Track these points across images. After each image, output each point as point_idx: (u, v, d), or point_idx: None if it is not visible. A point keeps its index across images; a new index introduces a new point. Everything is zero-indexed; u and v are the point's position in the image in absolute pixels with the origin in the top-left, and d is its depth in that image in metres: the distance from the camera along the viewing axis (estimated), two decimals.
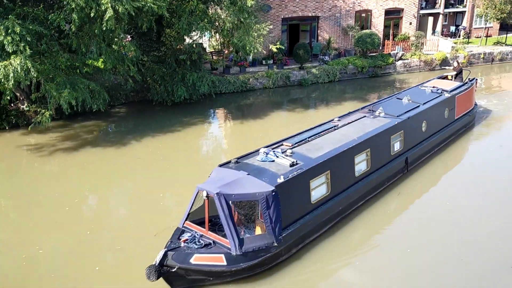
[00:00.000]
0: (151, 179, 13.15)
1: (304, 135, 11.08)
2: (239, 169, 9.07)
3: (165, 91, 20.02)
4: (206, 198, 8.31)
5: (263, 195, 8.29)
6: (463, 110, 15.96)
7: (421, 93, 15.12)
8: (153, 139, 16.42)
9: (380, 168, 11.43)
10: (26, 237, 10.13)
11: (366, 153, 10.90)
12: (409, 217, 10.90)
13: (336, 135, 11.03)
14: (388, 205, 11.25)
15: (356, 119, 12.23)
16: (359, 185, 10.67)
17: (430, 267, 8.91)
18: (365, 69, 26.36)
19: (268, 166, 9.25)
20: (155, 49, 20.28)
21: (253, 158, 9.69)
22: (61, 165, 14.34)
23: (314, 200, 9.43)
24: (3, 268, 8.98)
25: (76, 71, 17.30)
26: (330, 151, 10.09)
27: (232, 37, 19.53)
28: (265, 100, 22.52)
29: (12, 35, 13.57)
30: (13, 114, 17.66)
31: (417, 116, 12.98)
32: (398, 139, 12.14)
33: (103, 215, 11.39)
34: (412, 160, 12.76)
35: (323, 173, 9.61)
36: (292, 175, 8.90)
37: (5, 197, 12.34)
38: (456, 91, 15.49)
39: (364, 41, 26.11)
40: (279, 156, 9.58)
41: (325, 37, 27.78)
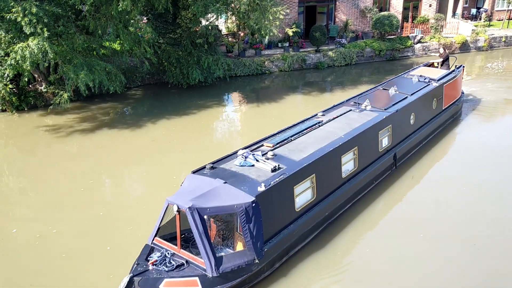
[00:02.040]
0: (165, 161, 13.28)
1: (287, 133, 10.09)
2: (214, 176, 8.04)
3: (181, 74, 20.07)
4: (177, 212, 7.32)
5: (242, 207, 7.36)
6: (451, 100, 15.24)
7: (408, 83, 14.29)
8: (168, 121, 16.54)
9: (367, 167, 10.63)
10: (41, 216, 10.35)
11: (353, 151, 10.05)
12: (397, 217, 10.12)
13: (321, 133, 10.08)
14: (375, 205, 10.47)
15: (341, 113, 11.30)
16: (346, 187, 9.84)
17: (425, 276, 8.15)
18: (382, 52, 25.98)
19: (247, 171, 8.23)
20: (171, 31, 20.26)
21: (230, 163, 8.64)
22: (78, 146, 14.57)
23: (298, 207, 8.53)
24: (18, 246, 9.20)
25: (93, 53, 17.42)
26: (315, 152, 9.16)
27: (248, 19, 19.39)
28: (280, 83, 22.41)
29: (29, 16, 13.69)
30: (31, 95, 17.92)
31: (405, 108, 12.13)
32: (386, 134, 11.32)
33: (116, 196, 11.58)
34: (401, 156, 12.00)
35: (308, 177, 8.70)
36: (274, 182, 7.94)
37: (24, 176, 12.63)
38: (444, 80, 14.69)
39: (382, 23, 25.66)
40: (260, 160, 8.55)
41: (343, 19, 27.37)
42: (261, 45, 24.49)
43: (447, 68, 16.76)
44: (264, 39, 24.48)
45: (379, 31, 26.31)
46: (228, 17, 21.71)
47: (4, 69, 14.93)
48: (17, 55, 14.07)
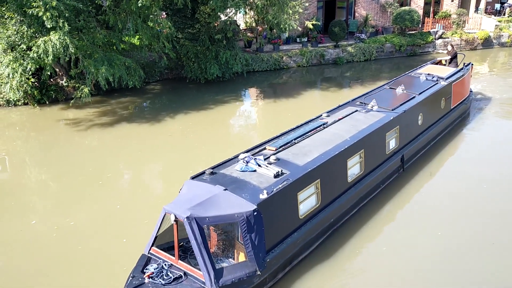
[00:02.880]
0: (182, 155, 13.37)
1: (290, 135, 9.62)
2: (214, 182, 7.66)
3: (199, 69, 20.14)
4: (174, 222, 6.97)
5: (243, 216, 6.98)
6: (459, 99, 14.77)
7: (416, 81, 13.86)
8: (186, 116, 16.64)
9: (374, 170, 10.20)
10: (60, 208, 10.53)
11: (359, 155, 9.63)
12: (405, 222, 9.71)
13: (326, 135, 9.64)
14: (382, 210, 10.04)
15: (347, 114, 10.85)
16: (352, 192, 9.42)
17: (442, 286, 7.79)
18: (403, 47, 25.63)
19: (248, 177, 7.84)
20: (190, 26, 20.33)
21: (231, 168, 8.23)
22: (98, 140, 14.78)
23: (302, 214, 8.14)
24: (36, 237, 9.37)
25: (113, 48, 17.60)
26: (320, 155, 8.74)
27: (266, 14, 19.34)
28: (298, 79, 22.32)
29: (51, 11, 13.89)
30: (52, 89, 18.21)
31: (413, 108, 11.70)
32: (394, 136, 10.90)
33: (133, 190, 11.70)
34: (408, 158, 11.59)
35: (313, 183, 8.29)
36: (276, 189, 7.55)
37: (44, 169, 12.88)
38: (453, 78, 14.23)
39: (403, 18, 25.31)
40: (262, 165, 8.16)
41: (362, 14, 27.07)
42: (279, 40, 24.40)
43: (455, 66, 16.31)
44: (283, 34, 24.39)
45: (399, 26, 25.96)
46: (247, 12, 21.65)
47: (26, 63, 15.20)
48: (40, 49, 14.32)
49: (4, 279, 8.16)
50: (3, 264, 8.56)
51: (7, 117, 16.97)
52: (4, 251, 8.92)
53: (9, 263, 8.58)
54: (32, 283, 8.03)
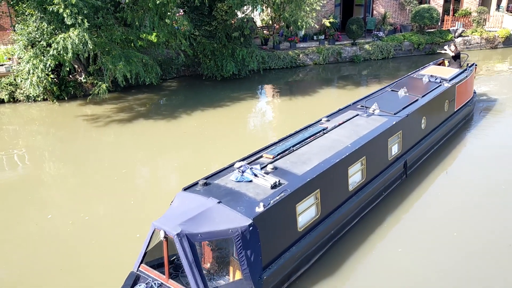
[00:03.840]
0: (196, 152, 13.45)
1: (288, 142, 9.17)
2: (208, 194, 7.22)
3: (215, 66, 20.20)
4: (164, 239, 6.49)
5: (238, 231, 6.54)
6: (463, 101, 14.30)
7: (418, 83, 13.39)
8: (202, 113, 16.71)
9: (376, 177, 9.76)
10: (76, 203, 10.68)
11: (361, 162, 9.18)
12: (409, 232, 9.25)
13: (326, 141, 9.18)
14: (384, 219, 9.60)
15: (347, 118, 10.40)
16: (353, 201, 8.99)
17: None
18: (421, 45, 25.30)
19: (244, 188, 7.39)
20: (207, 23, 20.40)
21: (226, 178, 7.79)
22: (115, 136, 14.95)
23: (301, 226, 7.72)
24: (51, 231, 9.52)
25: (131, 45, 17.77)
26: (320, 164, 8.30)
27: (283, 11, 19.29)
28: (314, 77, 22.22)
29: (70, 7, 14.08)
30: (71, 85, 18.47)
31: (416, 112, 11.27)
32: (396, 141, 10.47)
33: (147, 186, 11.82)
34: (411, 164, 11.18)
35: (312, 193, 7.87)
36: (274, 201, 7.10)
37: (62, 164, 13.09)
38: (456, 80, 13.74)
39: (421, 16, 24.97)
40: (258, 174, 7.70)
41: (381, 11, 26.80)
42: (296, 37, 24.31)
43: (458, 66, 15.86)
44: (300, 31, 24.29)
45: (418, 24, 25.62)
46: (264, 9, 21.63)
47: (46, 59, 15.45)
48: (59, 45, 14.54)
49: (18, 272, 8.31)
50: (17, 257, 8.72)
51: (27, 113, 17.28)
52: (19, 245, 9.09)
53: (23, 256, 8.73)
54: (46, 276, 8.17)
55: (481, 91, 18.43)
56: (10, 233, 9.49)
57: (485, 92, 18.45)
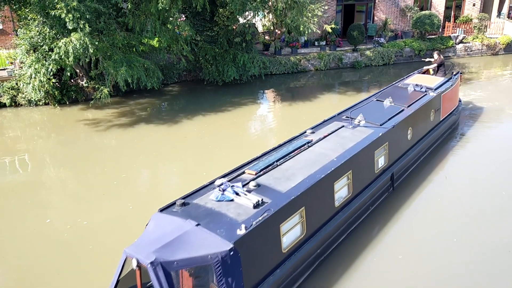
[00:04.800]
0: (196, 158, 13.44)
1: (272, 156, 8.72)
2: (185, 216, 6.70)
3: (216, 71, 20.27)
4: (137, 268, 5.99)
5: (218, 257, 6.05)
6: (449, 110, 14.11)
7: (404, 93, 13.09)
8: (204, 117, 16.74)
9: (363, 191, 9.43)
10: (75, 207, 10.65)
11: (347, 176, 8.82)
12: (397, 246, 8.93)
13: (311, 155, 8.79)
14: (370, 232, 9.26)
15: (332, 130, 10.03)
16: (340, 217, 8.61)
17: None
18: (422, 52, 25.37)
19: (225, 208, 6.92)
20: (208, 29, 20.49)
21: (205, 197, 7.31)
22: (116, 140, 14.97)
23: (285, 247, 7.27)
24: (49, 235, 9.48)
25: (132, 50, 17.85)
26: (304, 180, 7.88)
27: (285, 17, 19.37)
28: (316, 82, 22.27)
29: (72, 12, 14.16)
30: (73, 90, 18.53)
31: (402, 123, 10.98)
32: (383, 153, 10.15)
33: (146, 191, 11.79)
34: (398, 176, 10.88)
35: (297, 212, 7.44)
36: (256, 222, 6.63)
37: (63, 168, 13.09)
38: (442, 89, 13.53)
39: (422, 22, 25.08)
40: (240, 193, 7.24)
41: (382, 18, 26.90)
42: (297, 43, 24.40)
43: (443, 75, 15.70)
44: (301, 37, 24.38)
45: (419, 30, 25.72)
46: (265, 15, 21.73)
47: (48, 64, 15.52)
48: (61, 50, 14.60)
49: (15, 276, 8.29)
50: (15, 261, 8.69)
51: (29, 117, 17.33)
52: (17, 249, 9.06)
53: (20, 261, 8.70)
54: (42, 281, 8.13)
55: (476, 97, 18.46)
56: (8, 237, 9.47)
57: (479, 98, 18.48)
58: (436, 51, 16.74)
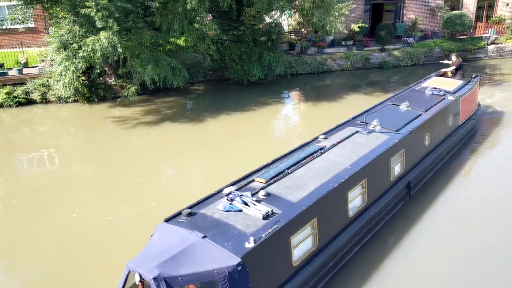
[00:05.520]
0: (221, 156, 13.47)
1: (283, 164, 8.38)
2: (192, 227, 6.42)
3: (242, 70, 20.29)
4: (140, 283, 5.76)
5: (225, 272, 5.77)
6: (468, 114, 13.59)
7: (421, 96, 12.59)
8: (228, 117, 16.78)
9: (378, 200, 9.00)
10: (100, 203, 10.82)
11: (362, 185, 8.43)
12: (413, 256, 8.49)
13: (323, 163, 8.41)
14: (384, 243, 8.81)
15: (346, 136, 9.61)
16: (354, 228, 8.22)
17: None
18: (452, 52, 24.77)
19: (233, 220, 6.61)
20: (234, 28, 20.54)
21: (213, 206, 6.99)
22: (142, 138, 15.16)
23: (296, 260, 6.92)
24: (75, 230, 9.65)
25: (159, 49, 18.04)
26: (317, 189, 7.53)
27: (312, 16, 19.24)
28: (342, 83, 22.04)
29: (102, 11, 14.40)
30: (101, 88, 18.87)
31: (419, 128, 10.52)
32: (399, 160, 9.71)
33: (170, 188, 11.86)
34: (415, 183, 10.41)
35: (309, 223, 7.10)
36: (266, 234, 6.31)
37: (90, 164, 13.34)
38: (461, 92, 13.01)
39: (453, 22, 24.51)
40: (249, 203, 6.91)
41: (411, 17, 26.41)
42: (324, 43, 24.20)
43: (461, 78, 15.12)
44: (328, 37, 24.18)
45: (449, 30, 25.14)
46: (292, 14, 21.65)
47: (78, 62, 15.84)
48: (88, 47, 14.88)
49: (38, 270, 8.46)
50: (43, 254, 8.89)
51: (58, 113, 17.73)
52: (44, 242, 9.26)
53: (45, 255, 8.88)
54: (65, 275, 8.27)
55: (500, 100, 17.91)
56: (37, 230, 9.69)
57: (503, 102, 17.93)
58: (454, 53, 16.19)
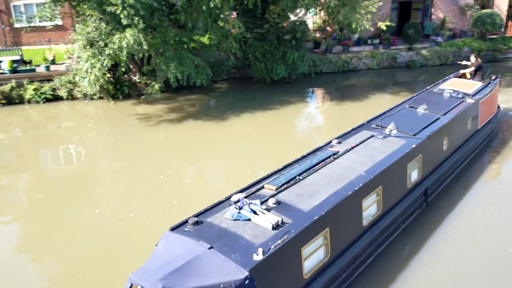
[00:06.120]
0: (243, 154, 13.41)
1: (294, 170, 8.02)
2: (198, 236, 6.14)
3: (265, 69, 20.16)
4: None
5: (231, 286, 5.52)
6: (487, 117, 13.08)
7: (439, 99, 12.06)
8: (251, 115, 16.70)
9: (393, 208, 8.61)
10: (123, 199, 10.92)
11: (377, 192, 8.05)
12: (430, 265, 8.10)
13: (337, 169, 8.04)
14: (400, 253, 8.46)
15: (361, 141, 9.19)
16: (368, 237, 7.83)
17: None
18: (482, 52, 24.07)
19: (241, 229, 6.29)
20: (258, 26, 20.42)
21: (220, 215, 6.68)
22: (165, 135, 15.23)
23: (307, 272, 6.59)
24: (97, 226, 9.73)
25: (183, 46, 18.09)
26: (329, 197, 7.18)
27: (337, 14, 18.97)
28: (367, 82, 21.68)
29: (128, 9, 14.51)
30: (126, 85, 19.04)
31: (438, 132, 10.06)
32: (416, 166, 9.30)
33: (191, 186, 11.89)
34: (432, 190, 9.93)
35: (320, 233, 6.75)
36: (275, 246, 6.00)
37: (114, 160, 13.48)
38: (480, 95, 12.52)
39: (483, 21, 23.79)
40: (258, 211, 6.59)
41: (439, 16, 25.79)
42: (349, 41, 23.85)
43: (480, 79, 14.50)
44: (354, 35, 23.82)
45: (479, 29, 24.44)
46: (317, 12, 21.39)
47: (103, 59, 16.01)
48: (115, 45, 15.01)
49: (60, 264, 8.55)
50: (61, 250, 8.98)
51: (84, 110, 17.99)
52: (64, 238, 9.36)
53: (66, 249, 8.98)
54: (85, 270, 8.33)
55: None
56: (60, 224, 9.83)
57: None
58: (473, 53, 15.55)
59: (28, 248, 9.16)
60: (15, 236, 9.68)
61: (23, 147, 14.91)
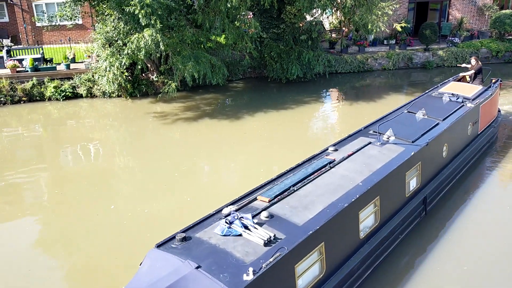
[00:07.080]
0: (257, 154, 13.56)
1: (288, 180, 7.67)
2: (185, 254, 5.76)
3: (281, 69, 20.29)
4: None
5: None
6: (487, 122, 12.79)
7: (438, 103, 11.73)
8: (265, 115, 16.85)
9: (392, 218, 8.31)
10: (137, 195, 11.15)
11: (374, 203, 7.73)
12: (430, 277, 7.89)
13: (333, 179, 7.72)
14: (397, 265, 8.24)
15: (358, 148, 8.90)
16: (365, 250, 7.50)
17: None
18: (500, 53, 23.84)
19: (231, 246, 5.93)
20: (275, 26, 20.56)
21: (210, 230, 6.30)
22: (180, 133, 15.48)
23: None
24: (111, 222, 9.97)
25: (200, 46, 18.32)
26: (325, 209, 6.85)
27: (353, 15, 19.00)
28: (382, 82, 21.65)
29: (145, 8, 14.78)
30: (143, 84, 19.37)
31: (437, 139, 9.75)
32: (415, 174, 9.00)
33: (204, 184, 12.06)
34: (431, 198, 9.63)
35: (315, 248, 6.40)
36: (267, 264, 5.62)
37: (131, 157, 13.77)
38: (480, 99, 12.19)
39: (502, 22, 23.53)
40: (249, 226, 6.22)
41: (457, 16, 25.57)
42: (365, 42, 23.83)
43: (480, 82, 14.22)
44: (370, 35, 23.79)
45: (498, 30, 24.18)
46: (333, 12, 21.44)
47: (122, 58, 16.33)
48: (133, 45, 15.31)
49: (76, 259, 8.78)
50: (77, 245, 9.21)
51: (102, 108, 18.36)
52: (80, 233, 9.60)
53: (81, 244, 9.21)
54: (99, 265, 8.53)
55: None
56: (76, 219, 10.09)
57: None
58: (474, 56, 15.34)
59: (43, 243, 9.43)
60: (32, 230, 9.97)
61: (43, 143, 15.32)
